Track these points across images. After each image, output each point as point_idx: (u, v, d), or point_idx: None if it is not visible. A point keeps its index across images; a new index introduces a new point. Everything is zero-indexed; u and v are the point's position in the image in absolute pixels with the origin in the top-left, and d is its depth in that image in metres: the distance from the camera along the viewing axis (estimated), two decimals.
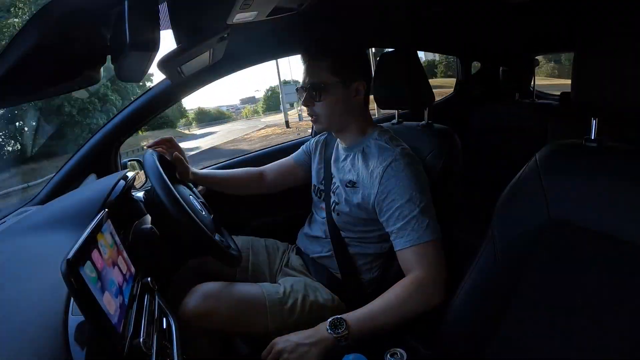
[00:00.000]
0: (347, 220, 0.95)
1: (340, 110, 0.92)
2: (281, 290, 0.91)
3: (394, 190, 0.83)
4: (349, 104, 0.91)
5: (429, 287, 0.79)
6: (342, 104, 0.91)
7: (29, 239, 0.73)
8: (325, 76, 0.89)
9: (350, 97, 0.91)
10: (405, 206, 0.81)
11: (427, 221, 0.81)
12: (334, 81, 0.89)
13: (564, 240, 0.66)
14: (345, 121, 0.95)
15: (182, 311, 0.83)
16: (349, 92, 0.90)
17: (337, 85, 0.89)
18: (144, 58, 0.55)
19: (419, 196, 0.82)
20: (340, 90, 0.90)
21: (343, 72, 0.89)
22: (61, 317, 0.49)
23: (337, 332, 0.72)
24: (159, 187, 0.74)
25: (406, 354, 0.59)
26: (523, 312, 0.69)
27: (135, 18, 0.46)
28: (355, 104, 0.93)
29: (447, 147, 1.07)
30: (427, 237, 0.80)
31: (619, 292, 0.59)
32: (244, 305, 0.87)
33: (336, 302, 0.95)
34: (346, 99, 0.91)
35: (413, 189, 0.82)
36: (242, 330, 0.89)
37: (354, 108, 0.93)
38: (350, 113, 0.93)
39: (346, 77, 0.89)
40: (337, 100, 0.91)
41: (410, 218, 0.80)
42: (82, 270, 0.46)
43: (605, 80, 0.61)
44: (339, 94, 0.90)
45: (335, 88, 0.89)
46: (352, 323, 0.74)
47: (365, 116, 0.98)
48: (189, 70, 0.82)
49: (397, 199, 0.82)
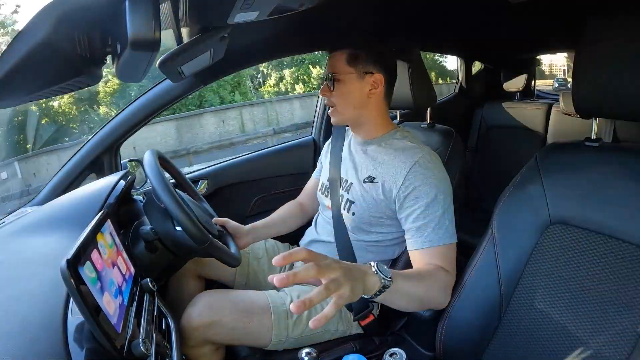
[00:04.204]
0: (364, 220, 0.93)
1: (355, 102, 0.91)
2: (287, 301, 0.90)
3: (419, 187, 0.81)
4: (364, 97, 0.91)
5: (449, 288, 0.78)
6: (357, 96, 0.91)
7: (29, 239, 0.73)
8: (341, 67, 0.90)
9: (365, 90, 0.90)
10: (429, 206, 0.80)
11: (448, 224, 0.80)
12: (349, 72, 0.90)
13: (564, 240, 0.66)
14: (360, 115, 0.93)
15: (187, 321, 0.82)
16: (363, 84, 0.90)
17: (351, 76, 0.90)
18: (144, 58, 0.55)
19: (444, 197, 0.81)
20: (354, 81, 0.90)
21: (358, 64, 0.89)
22: (61, 317, 0.49)
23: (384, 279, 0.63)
24: (159, 187, 0.74)
25: (405, 354, 0.59)
26: (523, 311, 0.69)
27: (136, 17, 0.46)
28: (372, 99, 0.92)
29: (449, 147, 1.07)
30: (447, 239, 0.79)
31: (619, 292, 0.59)
32: (249, 317, 0.85)
33: (343, 313, 0.94)
34: (361, 91, 0.90)
35: (438, 190, 0.81)
36: (244, 342, 0.88)
37: (371, 102, 0.92)
38: (365, 107, 0.92)
39: (361, 68, 0.89)
40: (351, 92, 0.90)
41: (432, 218, 0.79)
42: (81, 271, 0.46)
43: (605, 80, 0.61)
44: (353, 85, 0.90)
45: (349, 79, 0.90)
46: (395, 277, 0.66)
47: (384, 114, 0.96)
48: (190, 70, 0.82)
49: (422, 197, 0.81)
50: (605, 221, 0.61)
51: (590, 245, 0.63)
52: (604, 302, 0.60)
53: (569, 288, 0.64)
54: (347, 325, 0.95)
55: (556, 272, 0.66)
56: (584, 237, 0.64)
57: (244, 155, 1.56)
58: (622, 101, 0.60)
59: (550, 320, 0.65)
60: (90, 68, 0.54)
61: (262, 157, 1.55)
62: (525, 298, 0.69)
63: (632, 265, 0.58)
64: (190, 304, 0.85)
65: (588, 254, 0.63)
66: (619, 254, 0.60)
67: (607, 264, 0.60)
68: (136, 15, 0.46)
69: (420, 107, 1.16)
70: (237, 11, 0.58)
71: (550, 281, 0.66)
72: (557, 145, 0.72)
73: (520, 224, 0.71)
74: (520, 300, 0.70)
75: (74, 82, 0.55)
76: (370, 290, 0.63)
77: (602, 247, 0.61)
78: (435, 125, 1.21)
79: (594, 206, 0.63)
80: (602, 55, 0.61)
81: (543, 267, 0.68)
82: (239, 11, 0.58)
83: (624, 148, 0.65)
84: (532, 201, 0.70)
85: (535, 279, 0.68)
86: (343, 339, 0.95)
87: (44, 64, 0.48)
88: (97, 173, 1.19)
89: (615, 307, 0.59)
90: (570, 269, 0.64)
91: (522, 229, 0.70)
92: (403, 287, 0.68)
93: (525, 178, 0.72)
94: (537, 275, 0.68)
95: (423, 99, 1.16)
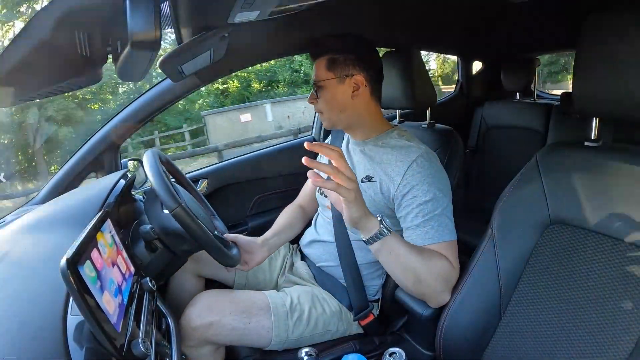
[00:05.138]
0: None
1: (339, 106, 0.91)
2: (288, 302, 0.90)
3: (417, 186, 0.81)
4: (347, 100, 0.91)
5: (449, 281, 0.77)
6: (340, 100, 0.91)
7: (29, 238, 0.73)
8: (322, 74, 0.91)
9: (348, 92, 0.90)
10: (428, 204, 0.80)
11: (447, 222, 0.80)
12: (329, 77, 0.90)
13: (564, 240, 0.66)
14: (348, 117, 0.93)
15: (187, 321, 0.82)
16: (345, 87, 0.90)
17: (331, 81, 0.90)
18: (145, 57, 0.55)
19: (442, 196, 0.81)
20: (335, 86, 0.90)
21: (337, 69, 0.90)
22: (60, 316, 0.49)
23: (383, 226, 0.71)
24: (159, 187, 0.74)
25: (405, 354, 0.59)
26: (523, 311, 0.69)
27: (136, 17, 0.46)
28: (357, 100, 0.91)
29: (449, 146, 1.07)
30: (447, 236, 0.79)
31: (619, 292, 0.59)
32: (249, 317, 0.85)
33: (343, 313, 0.94)
34: (343, 94, 0.90)
35: (437, 188, 0.81)
36: (244, 342, 0.88)
37: (356, 104, 0.92)
38: (352, 109, 0.92)
39: (340, 73, 0.90)
40: (333, 96, 0.91)
41: (432, 217, 0.79)
42: (81, 270, 0.46)
43: (605, 80, 0.61)
44: (334, 90, 0.90)
45: (330, 84, 0.90)
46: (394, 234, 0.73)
47: (376, 113, 0.96)
48: (190, 69, 0.82)
49: (420, 196, 0.80)
50: (605, 221, 0.61)
51: (590, 245, 0.63)
52: (603, 302, 0.60)
53: (569, 288, 0.64)
54: (347, 326, 0.95)
55: (556, 272, 0.66)
56: (584, 237, 0.64)
57: (244, 155, 1.56)
58: (622, 101, 0.60)
59: (550, 320, 0.65)
60: (90, 68, 0.54)
61: (262, 157, 1.55)
62: (525, 298, 0.69)
63: (632, 265, 0.58)
64: (190, 304, 0.85)
65: (588, 254, 0.63)
66: (618, 254, 0.60)
67: (607, 264, 0.60)
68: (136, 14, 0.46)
69: (420, 107, 1.16)
70: (238, 11, 0.58)
71: (550, 281, 0.66)
72: (557, 145, 0.72)
73: (520, 223, 0.71)
74: (520, 300, 0.70)
75: (74, 82, 0.55)
76: (367, 228, 0.71)
77: (602, 247, 0.61)
78: (435, 125, 1.21)
79: (594, 206, 0.63)
80: (602, 55, 0.61)
81: (543, 267, 0.68)
82: (239, 11, 0.58)
83: (623, 148, 0.65)
84: (532, 201, 0.70)
85: (535, 279, 0.68)
86: (343, 338, 0.95)
87: (44, 64, 0.48)
88: (97, 173, 1.19)
89: (615, 307, 0.59)
90: (570, 269, 0.64)
91: (522, 228, 0.70)
92: (399, 248, 0.73)
93: (525, 178, 0.72)
94: (537, 275, 0.68)
95: (423, 99, 1.16)
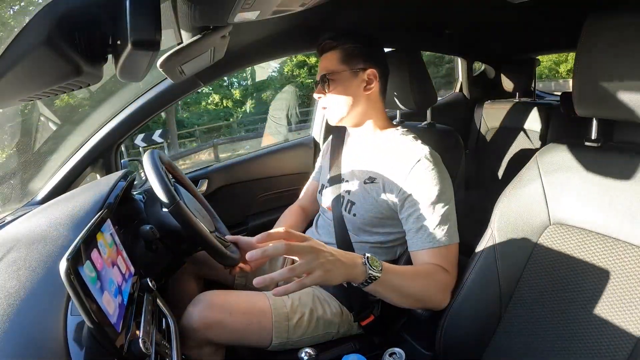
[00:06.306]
0: (365, 221, 0.92)
1: (350, 100, 0.91)
2: (288, 304, 0.89)
3: (421, 188, 0.81)
4: (360, 93, 0.91)
5: (448, 288, 0.78)
6: (352, 94, 0.91)
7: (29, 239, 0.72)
8: (334, 66, 0.90)
9: (360, 87, 0.90)
10: (431, 206, 0.79)
11: (449, 224, 0.79)
12: (342, 69, 0.90)
13: (563, 240, 0.66)
14: (356, 114, 0.93)
15: (187, 321, 0.82)
16: (357, 81, 0.90)
17: (345, 73, 0.90)
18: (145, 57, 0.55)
19: (445, 198, 0.80)
20: (348, 78, 0.90)
21: (351, 61, 0.90)
22: (60, 316, 0.49)
23: (372, 270, 0.66)
24: (159, 187, 0.74)
25: (405, 354, 0.59)
26: (522, 311, 0.69)
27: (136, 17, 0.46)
28: (368, 97, 0.91)
29: (449, 147, 1.07)
30: (448, 240, 0.78)
31: (619, 292, 0.59)
32: (250, 318, 0.85)
33: (345, 314, 0.94)
34: (357, 88, 0.90)
35: (440, 190, 0.80)
36: (244, 343, 0.87)
37: (367, 100, 0.92)
38: (361, 105, 0.92)
39: (354, 65, 0.90)
40: (346, 89, 0.90)
41: (434, 219, 0.79)
42: (81, 270, 0.46)
43: (605, 80, 0.61)
44: (347, 82, 0.90)
45: (343, 76, 0.90)
46: (385, 271, 0.68)
47: (382, 113, 0.96)
48: (190, 69, 0.82)
49: (423, 198, 0.80)
50: (604, 221, 0.61)
51: (589, 246, 0.63)
52: (603, 302, 0.60)
53: (569, 288, 0.64)
54: (348, 327, 0.95)
55: (556, 272, 0.66)
56: (584, 237, 0.64)
57: (244, 155, 1.56)
58: (622, 101, 0.60)
59: (550, 320, 0.65)
60: (90, 68, 0.54)
61: (262, 157, 1.55)
62: (525, 298, 0.69)
63: (632, 265, 0.58)
64: (190, 304, 0.85)
65: (587, 254, 0.63)
66: (618, 255, 0.60)
67: (607, 264, 0.60)
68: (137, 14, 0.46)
69: (420, 107, 1.16)
70: (238, 10, 0.58)
71: (549, 281, 0.66)
72: (557, 145, 0.72)
73: (520, 224, 0.71)
74: (519, 300, 0.70)
75: (74, 82, 0.55)
76: (356, 279, 0.66)
77: (602, 247, 0.61)
78: (435, 125, 1.21)
79: (593, 206, 0.63)
80: (602, 55, 0.61)
81: (543, 267, 0.68)
82: (239, 10, 0.58)
83: (623, 148, 0.65)
84: (532, 201, 0.70)
85: (535, 279, 0.68)
86: (343, 339, 0.95)
87: (44, 64, 0.48)
88: (97, 173, 1.19)
89: (615, 307, 0.59)
90: (569, 269, 0.64)
91: (521, 229, 0.70)
92: (393, 282, 0.70)
93: (525, 178, 0.72)
94: (537, 275, 0.68)
95: (423, 99, 1.16)
